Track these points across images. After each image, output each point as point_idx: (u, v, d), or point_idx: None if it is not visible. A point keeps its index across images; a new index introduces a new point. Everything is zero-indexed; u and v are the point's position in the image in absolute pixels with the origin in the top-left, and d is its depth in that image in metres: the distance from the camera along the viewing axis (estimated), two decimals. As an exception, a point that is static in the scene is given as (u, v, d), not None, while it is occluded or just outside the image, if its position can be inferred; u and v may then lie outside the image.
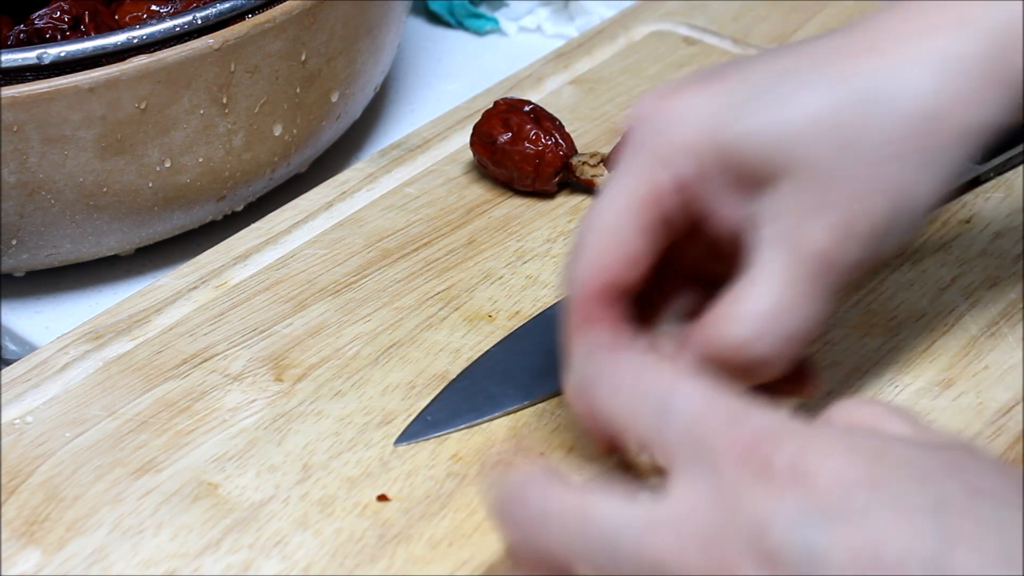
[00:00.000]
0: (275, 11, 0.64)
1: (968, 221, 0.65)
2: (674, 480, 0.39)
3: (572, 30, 0.87)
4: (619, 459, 0.50)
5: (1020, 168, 0.67)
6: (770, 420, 0.39)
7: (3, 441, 0.54)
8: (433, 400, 0.56)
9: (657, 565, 0.38)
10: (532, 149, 0.66)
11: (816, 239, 0.45)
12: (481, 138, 0.68)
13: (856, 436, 0.39)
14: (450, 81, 0.83)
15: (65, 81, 0.59)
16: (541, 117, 0.67)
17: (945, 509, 0.37)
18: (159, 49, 0.61)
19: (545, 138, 0.67)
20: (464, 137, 0.70)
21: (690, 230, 0.49)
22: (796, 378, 0.50)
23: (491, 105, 0.69)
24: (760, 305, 0.46)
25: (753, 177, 0.46)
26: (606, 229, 0.47)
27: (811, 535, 0.36)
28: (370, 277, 0.63)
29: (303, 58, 0.66)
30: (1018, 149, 0.66)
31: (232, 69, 0.63)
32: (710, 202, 0.47)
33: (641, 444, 0.41)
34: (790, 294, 0.46)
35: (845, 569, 0.36)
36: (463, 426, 0.55)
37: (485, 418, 0.55)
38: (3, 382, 0.57)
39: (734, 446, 0.38)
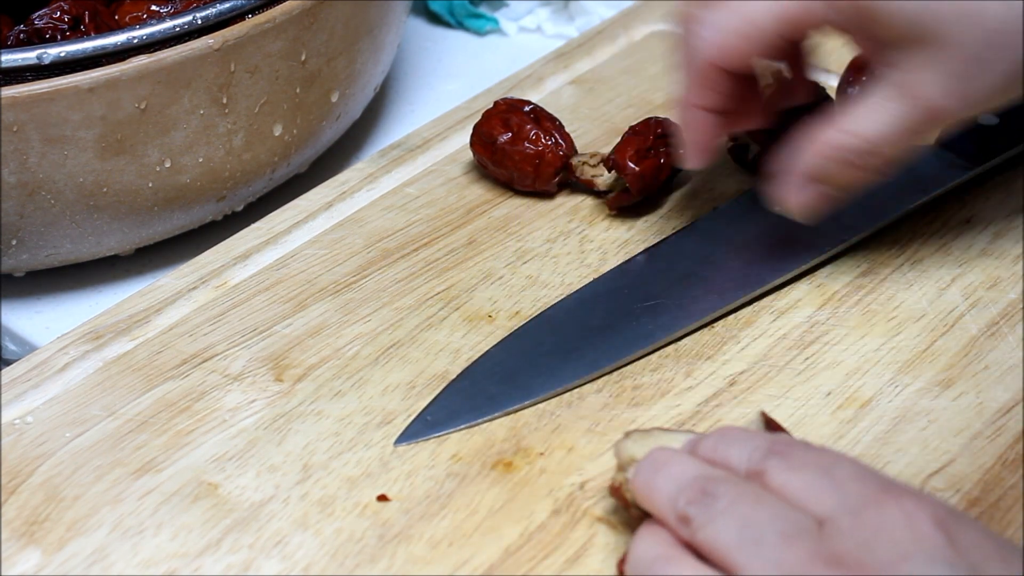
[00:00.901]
0: (275, 11, 0.64)
1: (968, 221, 0.65)
2: None
3: (572, 30, 0.87)
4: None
5: (1020, 168, 0.67)
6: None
7: (3, 441, 0.54)
8: (433, 400, 0.56)
9: None
10: (532, 149, 0.66)
11: (930, 94, 0.53)
12: (481, 138, 0.68)
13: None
14: (450, 81, 0.83)
15: (65, 81, 0.59)
16: (541, 117, 0.67)
17: None
18: (159, 49, 0.61)
19: (545, 138, 0.67)
20: (464, 137, 0.70)
21: None
22: None
23: (491, 105, 0.69)
24: (866, 124, 0.55)
25: (881, 39, 0.54)
26: (746, 13, 0.56)
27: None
28: (370, 277, 0.63)
29: (303, 58, 0.66)
30: (1018, 149, 0.66)
31: (232, 69, 0.63)
32: (847, 33, 0.57)
33: (732, 568, 0.44)
34: (894, 126, 0.54)
35: None
36: (463, 426, 0.55)
37: (485, 418, 0.55)
38: (3, 382, 0.57)
39: None
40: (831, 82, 0.71)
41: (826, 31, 0.57)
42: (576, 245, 0.64)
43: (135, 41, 0.61)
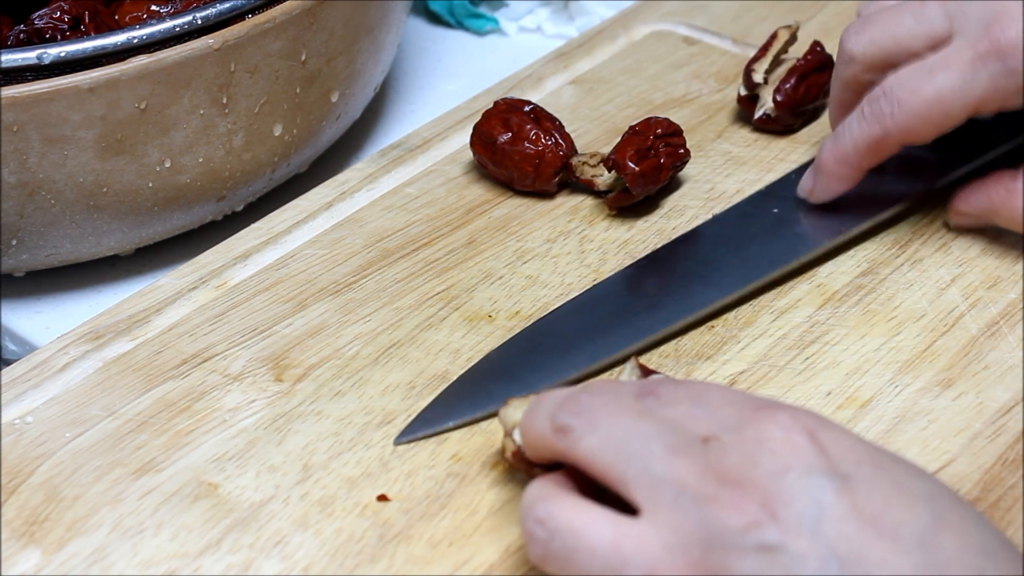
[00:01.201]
0: (275, 11, 0.64)
1: (968, 221, 0.65)
2: (652, 508, 0.43)
3: (572, 30, 0.87)
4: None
5: (1018, 165, 0.67)
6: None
7: (3, 441, 0.54)
8: (434, 399, 0.56)
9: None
10: (532, 149, 0.66)
11: (1000, 36, 0.55)
12: (481, 138, 0.68)
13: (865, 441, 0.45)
14: (450, 81, 0.83)
15: (65, 81, 0.59)
16: (541, 117, 0.67)
17: (938, 500, 0.42)
18: (159, 49, 0.61)
19: (545, 138, 0.67)
20: (464, 137, 0.70)
21: None
22: None
23: (491, 105, 0.69)
24: (941, 81, 0.57)
25: None
26: (941, 101, 0.57)
27: (819, 489, 0.41)
28: (370, 277, 0.63)
29: (303, 58, 0.66)
30: (1015, 142, 0.66)
31: (232, 69, 0.63)
32: None
33: (617, 482, 0.44)
34: (966, 77, 0.56)
35: (843, 523, 0.41)
36: (462, 421, 0.55)
37: (484, 412, 0.55)
38: (3, 382, 0.57)
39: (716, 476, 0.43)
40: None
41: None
42: (576, 245, 0.64)
43: (135, 41, 0.61)
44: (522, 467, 0.50)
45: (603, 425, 0.45)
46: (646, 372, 0.52)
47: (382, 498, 0.52)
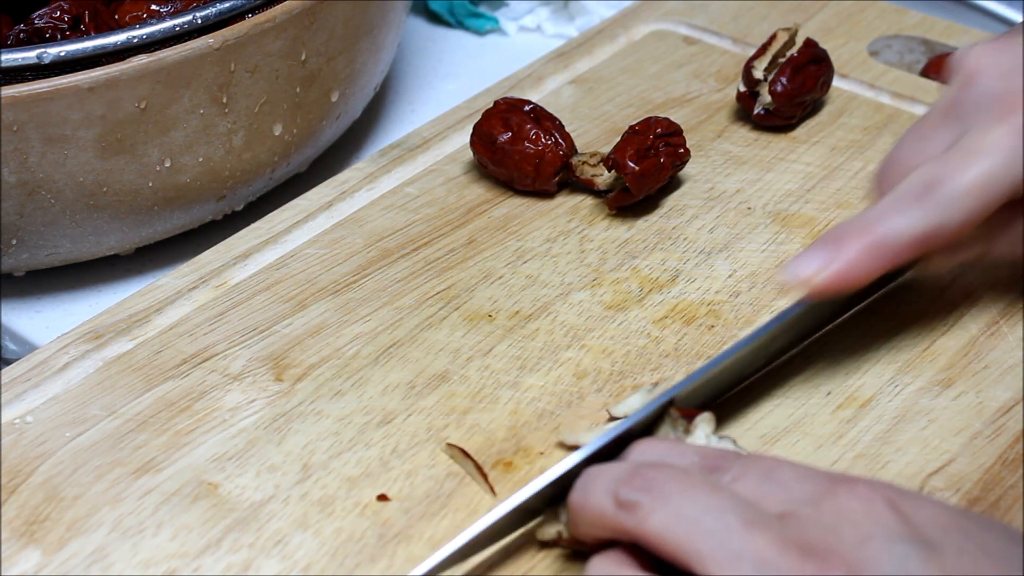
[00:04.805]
0: (275, 11, 0.64)
1: (968, 221, 0.65)
2: None
3: (572, 30, 0.87)
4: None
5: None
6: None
7: (3, 441, 0.54)
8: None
9: None
10: (532, 149, 0.66)
11: None
12: (481, 138, 0.68)
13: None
14: (450, 81, 0.83)
15: (65, 81, 0.59)
16: (541, 117, 0.67)
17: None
18: (159, 49, 0.61)
19: (545, 138, 0.67)
20: (464, 137, 0.70)
21: None
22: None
23: (491, 105, 0.69)
24: (986, 164, 0.53)
25: None
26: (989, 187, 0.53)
27: (905, 556, 0.41)
28: (370, 277, 0.63)
29: (303, 58, 0.66)
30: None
31: (232, 69, 0.63)
32: None
33: (691, 558, 0.42)
34: (1007, 155, 0.53)
35: None
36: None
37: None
38: (3, 382, 0.57)
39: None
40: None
41: None
42: (576, 245, 0.64)
43: (135, 41, 0.61)
44: (576, 546, 0.49)
45: (673, 500, 0.43)
46: (688, 415, 0.51)
47: (382, 498, 0.52)
